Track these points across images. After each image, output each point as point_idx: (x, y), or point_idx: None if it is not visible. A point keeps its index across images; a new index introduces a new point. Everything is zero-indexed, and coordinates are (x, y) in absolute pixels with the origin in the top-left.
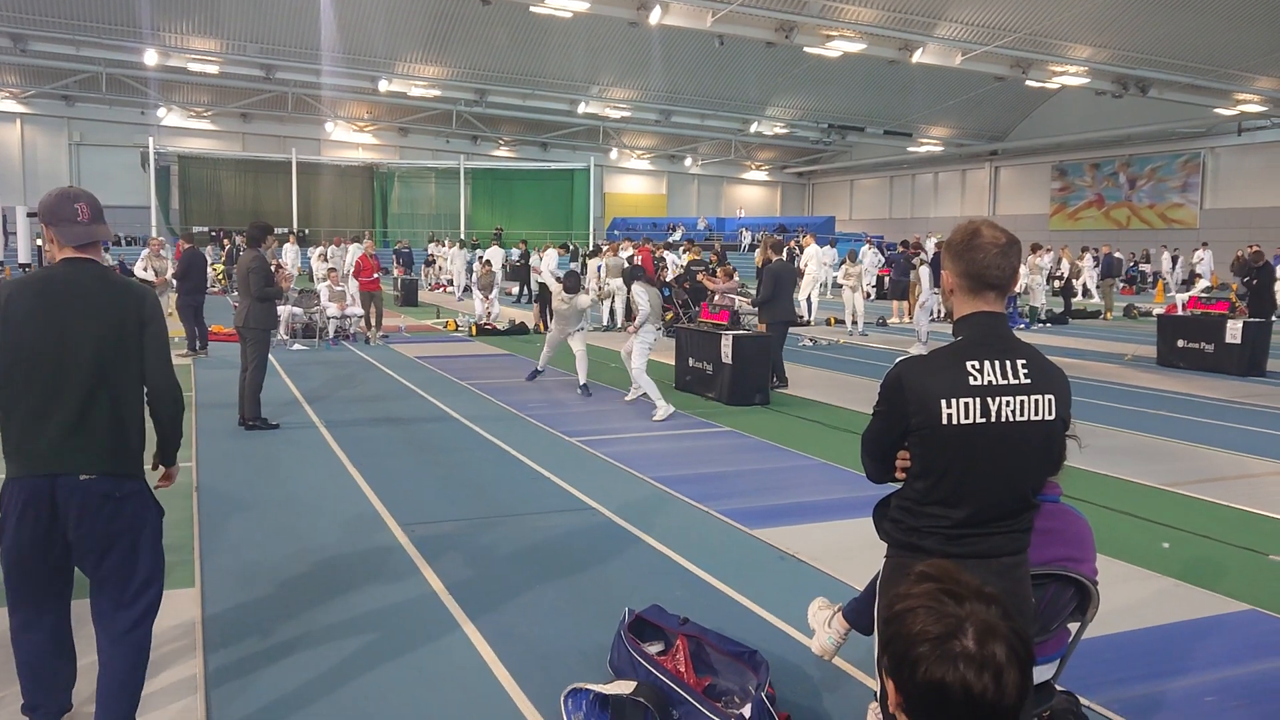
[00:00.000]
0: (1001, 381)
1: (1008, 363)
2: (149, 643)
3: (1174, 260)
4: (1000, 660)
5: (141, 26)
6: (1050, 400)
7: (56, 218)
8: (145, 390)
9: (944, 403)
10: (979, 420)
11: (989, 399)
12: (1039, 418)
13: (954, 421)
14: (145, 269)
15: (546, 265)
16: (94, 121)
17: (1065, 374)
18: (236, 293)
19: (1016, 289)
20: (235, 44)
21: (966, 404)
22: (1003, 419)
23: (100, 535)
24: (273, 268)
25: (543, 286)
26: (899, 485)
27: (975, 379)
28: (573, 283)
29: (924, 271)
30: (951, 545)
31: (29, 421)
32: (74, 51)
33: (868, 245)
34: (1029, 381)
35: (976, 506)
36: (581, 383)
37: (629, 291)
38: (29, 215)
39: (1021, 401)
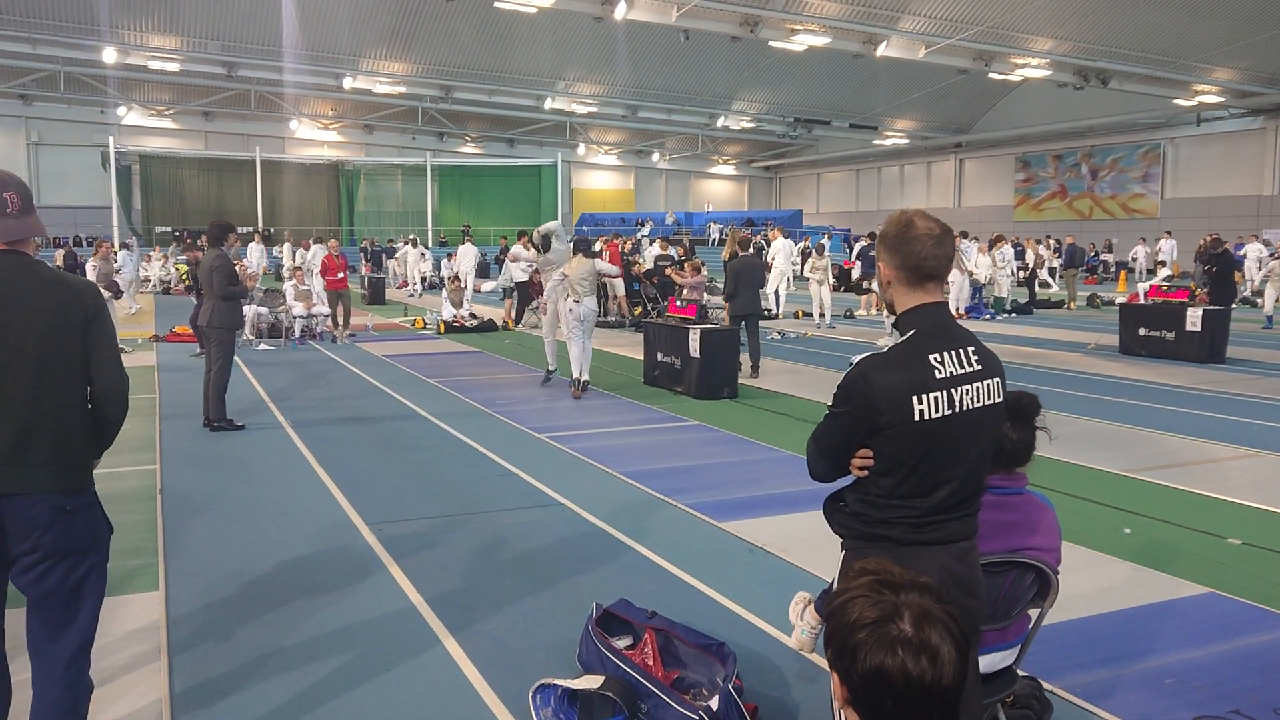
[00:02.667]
0: (960, 371)
1: (961, 351)
2: (88, 677)
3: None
4: (936, 643)
5: (100, 24)
6: (997, 384)
7: None
8: (91, 392)
9: (915, 399)
10: (947, 413)
11: (953, 390)
12: (990, 402)
13: (926, 417)
14: (93, 271)
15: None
16: (52, 121)
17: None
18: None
19: (982, 281)
20: (196, 41)
21: (935, 398)
22: (965, 408)
23: (48, 550)
24: (236, 267)
25: (519, 284)
26: (848, 480)
27: (940, 372)
28: (546, 243)
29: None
30: (917, 533)
31: None
32: (30, 50)
33: (864, 240)
34: (980, 368)
35: (943, 495)
36: (583, 378)
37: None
38: None
39: (977, 388)
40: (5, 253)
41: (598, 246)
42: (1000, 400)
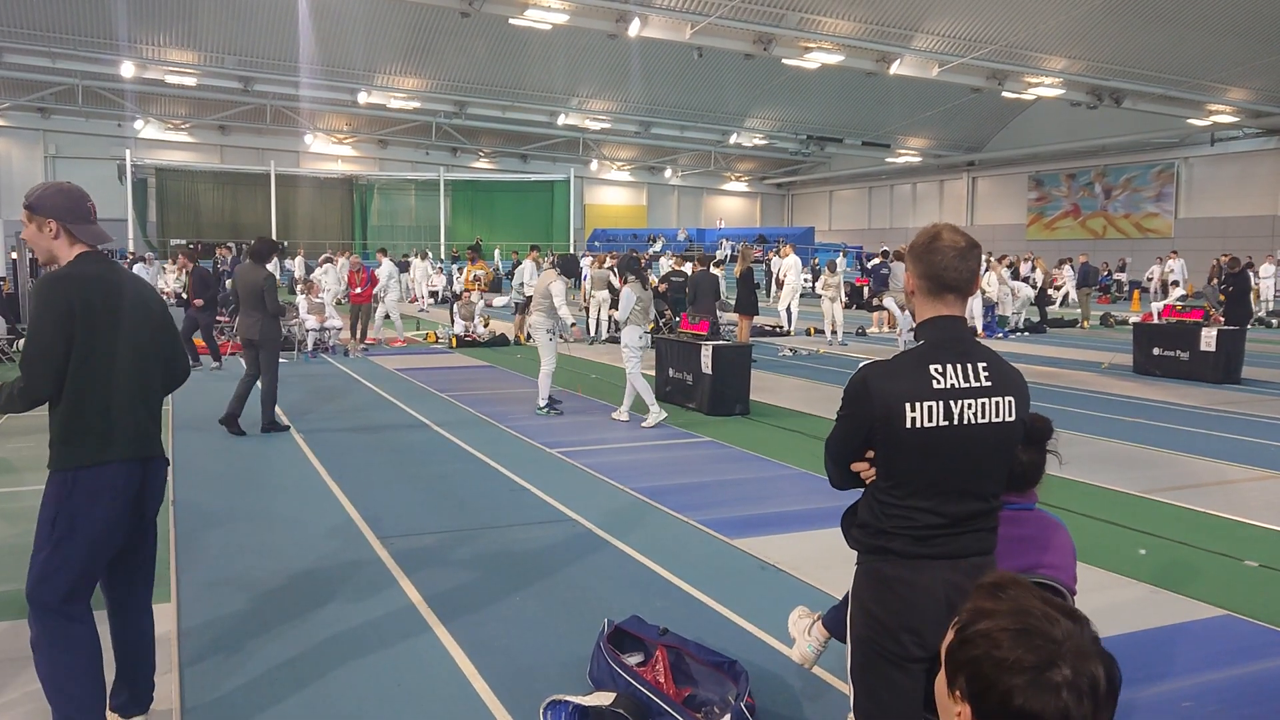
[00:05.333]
0: (963, 384)
1: (969, 365)
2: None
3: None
4: (1102, 688)
5: (118, 38)
6: (1011, 402)
7: (76, 216)
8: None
9: (908, 406)
10: (942, 424)
11: (951, 402)
12: (1000, 420)
13: (917, 425)
14: None
15: (529, 280)
16: (70, 134)
17: (1023, 376)
18: (236, 306)
19: (994, 299)
20: (213, 56)
21: (930, 408)
22: (965, 421)
23: (156, 507)
24: None
25: (528, 299)
26: (863, 492)
27: (938, 382)
28: (568, 267)
29: (897, 267)
30: (920, 546)
31: (123, 409)
32: (49, 64)
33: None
34: (990, 384)
35: (942, 509)
36: (633, 416)
37: (618, 292)
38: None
39: (983, 404)
40: (98, 255)
41: (609, 262)
42: (1014, 419)
